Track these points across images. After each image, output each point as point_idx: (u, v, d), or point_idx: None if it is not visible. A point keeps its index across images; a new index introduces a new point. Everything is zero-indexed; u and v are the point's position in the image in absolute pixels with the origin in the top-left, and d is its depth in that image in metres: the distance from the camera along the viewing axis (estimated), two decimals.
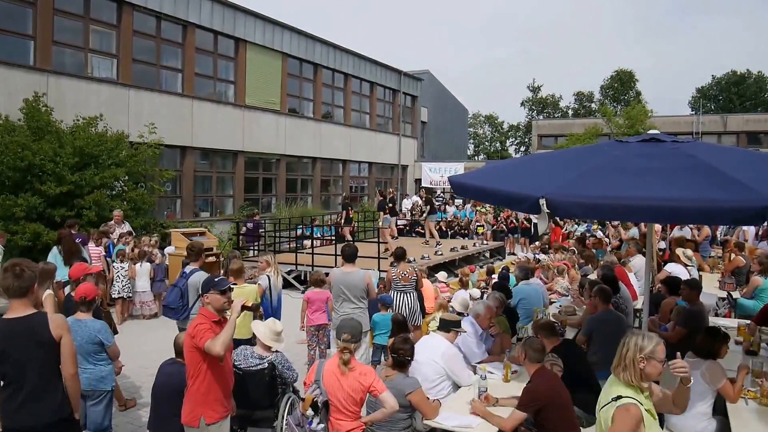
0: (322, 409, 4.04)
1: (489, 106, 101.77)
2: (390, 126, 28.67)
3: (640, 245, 9.73)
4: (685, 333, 5.52)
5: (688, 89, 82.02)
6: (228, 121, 18.40)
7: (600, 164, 3.87)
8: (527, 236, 19.60)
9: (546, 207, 3.34)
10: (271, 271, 6.92)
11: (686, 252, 9.26)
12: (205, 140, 17.60)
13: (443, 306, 7.09)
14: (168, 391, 4.18)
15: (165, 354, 6.46)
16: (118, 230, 11.03)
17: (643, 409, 2.91)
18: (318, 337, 6.96)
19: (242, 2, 18.67)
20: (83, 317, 4.63)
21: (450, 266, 14.25)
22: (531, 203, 3.45)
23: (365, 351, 6.47)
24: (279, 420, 4.36)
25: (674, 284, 6.72)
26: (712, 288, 8.39)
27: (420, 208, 23.02)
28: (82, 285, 4.85)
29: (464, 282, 9.26)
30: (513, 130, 59.40)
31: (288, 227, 16.70)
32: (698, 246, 11.29)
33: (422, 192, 20.64)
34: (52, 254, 8.51)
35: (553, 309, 7.57)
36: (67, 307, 5.23)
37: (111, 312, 7.92)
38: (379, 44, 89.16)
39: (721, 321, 6.89)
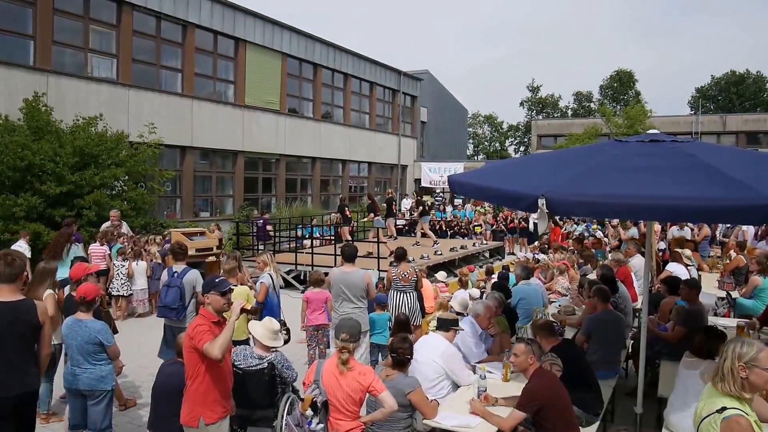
0: (322, 409, 4.04)
1: (488, 106, 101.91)
2: (389, 126, 28.68)
3: (639, 245, 9.75)
4: (685, 333, 5.53)
5: (688, 89, 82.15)
6: (228, 121, 18.41)
7: (599, 163, 3.87)
8: (526, 236, 19.61)
9: (545, 205, 3.33)
10: (271, 270, 6.95)
11: (685, 252, 9.28)
12: (205, 140, 17.62)
13: (444, 305, 7.09)
14: (168, 391, 4.18)
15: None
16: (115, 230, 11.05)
17: (752, 421, 2.74)
18: (317, 338, 6.97)
19: (242, 2, 18.71)
20: (83, 317, 4.62)
21: (449, 266, 14.26)
22: (530, 202, 3.44)
23: (365, 351, 6.47)
24: (278, 420, 4.36)
25: (674, 284, 6.73)
26: (712, 288, 8.39)
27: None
28: (83, 285, 4.83)
29: (463, 282, 9.27)
30: (512, 130, 59.40)
31: (288, 227, 16.73)
32: (697, 246, 11.32)
33: (414, 193, 20.57)
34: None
35: (553, 309, 7.58)
36: (68, 307, 5.23)
37: (110, 311, 7.93)
38: (379, 44, 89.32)
39: (721, 321, 6.89)
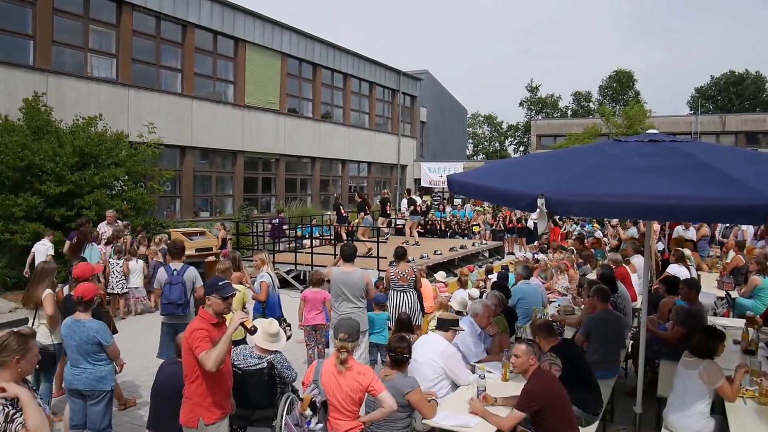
0: (321, 409, 4.04)
1: (488, 106, 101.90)
2: (389, 126, 28.68)
3: (638, 245, 9.75)
4: (684, 333, 5.53)
5: (687, 89, 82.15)
6: (227, 121, 18.40)
7: (599, 163, 3.87)
8: (526, 236, 19.59)
9: (545, 204, 3.33)
10: (268, 269, 6.97)
11: (684, 251, 9.28)
12: (205, 140, 17.61)
13: (444, 305, 7.09)
14: (168, 391, 4.18)
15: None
16: (111, 230, 11.03)
17: None
18: (315, 338, 6.97)
19: (241, 2, 18.70)
20: (82, 317, 4.61)
21: (449, 266, 14.27)
22: (529, 201, 3.44)
23: (364, 350, 6.46)
24: (278, 420, 4.36)
25: (673, 284, 6.73)
26: (711, 287, 8.40)
27: (420, 208, 23.11)
28: (81, 285, 4.82)
29: (463, 282, 9.27)
30: (512, 130, 59.40)
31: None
32: (696, 245, 11.32)
33: (406, 193, 20.64)
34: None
35: (552, 309, 7.58)
36: (67, 307, 5.23)
37: (109, 311, 7.93)
38: (378, 44, 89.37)
39: (720, 320, 6.90)
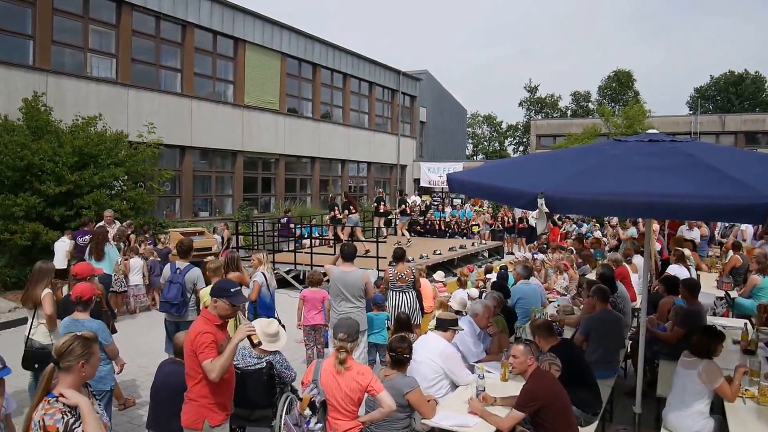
0: (320, 409, 4.04)
1: (488, 106, 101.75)
2: (389, 126, 28.68)
3: (638, 245, 9.75)
4: (684, 333, 5.53)
5: (687, 89, 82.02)
6: (227, 121, 18.40)
7: (599, 162, 3.87)
8: (525, 236, 19.60)
9: (544, 203, 3.32)
10: (264, 269, 6.93)
11: (684, 251, 9.28)
12: (204, 140, 17.61)
13: (444, 304, 7.08)
14: (167, 391, 4.17)
15: (163, 353, 6.50)
16: (110, 230, 11.03)
17: None
18: (314, 337, 6.97)
19: (241, 2, 18.70)
20: (80, 317, 4.61)
21: (448, 266, 14.28)
22: (529, 199, 3.43)
23: (363, 350, 6.46)
24: (277, 419, 4.36)
25: (672, 284, 6.73)
26: (710, 287, 8.40)
27: (419, 208, 23.14)
28: (79, 284, 4.83)
29: (462, 281, 9.26)
30: (511, 130, 59.42)
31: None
32: (695, 245, 11.32)
33: (399, 192, 20.70)
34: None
35: (551, 309, 7.58)
36: (66, 306, 5.23)
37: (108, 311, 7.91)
38: (378, 44, 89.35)
39: (719, 320, 6.90)
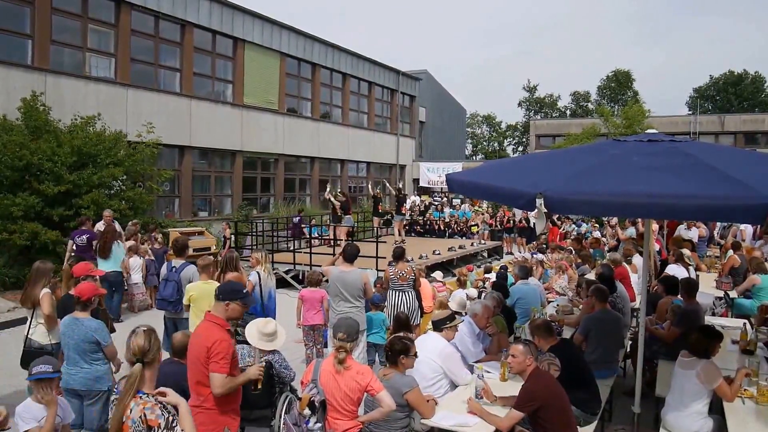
0: (319, 409, 4.04)
1: (487, 106, 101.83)
2: (388, 126, 28.67)
3: (637, 245, 9.75)
4: (680, 332, 5.53)
5: (686, 89, 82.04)
6: (226, 121, 18.38)
7: (598, 162, 3.86)
8: (525, 236, 19.61)
9: (543, 203, 3.32)
10: (261, 269, 6.86)
11: (684, 251, 9.29)
12: (204, 140, 17.60)
13: (443, 304, 7.08)
14: None
15: (164, 353, 6.48)
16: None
17: None
18: (313, 337, 6.96)
19: (241, 2, 18.67)
20: (80, 316, 4.62)
21: (448, 266, 14.29)
22: (528, 199, 3.43)
23: (362, 350, 6.46)
24: (276, 419, 4.36)
25: (671, 284, 6.74)
26: (709, 287, 8.41)
27: (419, 208, 23.16)
28: (80, 284, 4.85)
29: (462, 281, 9.26)
30: (511, 130, 59.44)
31: (286, 227, 16.74)
32: (694, 245, 11.33)
33: (395, 190, 20.70)
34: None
35: (551, 309, 7.59)
36: (66, 306, 5.23)
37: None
38: (378, 44, 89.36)
39: (718, 320, 6.91)
